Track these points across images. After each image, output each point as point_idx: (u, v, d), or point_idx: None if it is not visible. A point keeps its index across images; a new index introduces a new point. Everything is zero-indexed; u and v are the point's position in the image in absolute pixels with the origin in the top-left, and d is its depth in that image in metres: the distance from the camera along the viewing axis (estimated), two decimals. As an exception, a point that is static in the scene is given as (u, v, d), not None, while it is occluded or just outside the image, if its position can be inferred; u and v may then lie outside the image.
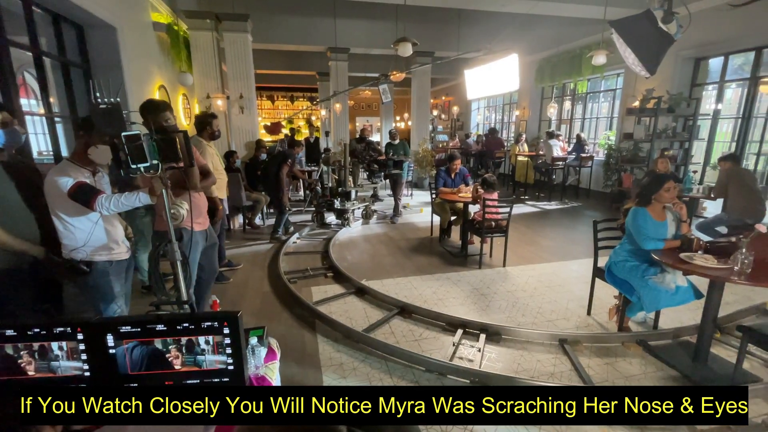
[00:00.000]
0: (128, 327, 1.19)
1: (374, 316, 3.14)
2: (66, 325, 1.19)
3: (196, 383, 1.25)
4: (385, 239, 5.32)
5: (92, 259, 2.00)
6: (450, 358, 2.53)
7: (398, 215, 6.35)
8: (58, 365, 1.20)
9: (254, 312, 3.24)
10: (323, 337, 2.86)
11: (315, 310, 3.14)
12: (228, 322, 1.20)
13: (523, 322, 3.01)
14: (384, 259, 4.51)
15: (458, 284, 3.73)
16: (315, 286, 3.76)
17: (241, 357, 1.22)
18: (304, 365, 2.53)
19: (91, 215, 1.97)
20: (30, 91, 6.28)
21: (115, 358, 1.21)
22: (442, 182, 4.87)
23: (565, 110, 9.17)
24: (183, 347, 1.21)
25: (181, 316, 1.22)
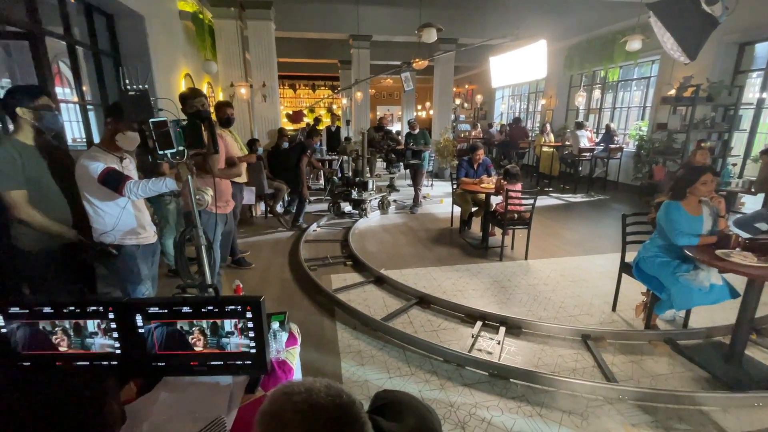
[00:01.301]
0: (156, 308, 1.23)
1: (393, 306, 3.15)
2: (98, 304, 1.23)
3: (219, 365, 1.28)
4: (404, 229, 5.32)
5: (121, 242, 2.07)
6: (469, 349, 2.52)
7: (418, 205, 6.32)
8: (92, 342, 1.26)
9: (275, 298, 3.30)
10: (342, 324, 2.90)
11: (334, 298, 3.18)
12: (251, 307, 1.22)
13: (545, 317, 2.96)
14: (403, 249, 4.52)
15: (478, 276, 3.70)
16: (334, 274, 3.81)
17: (263, 341, 1.25)
18: (323, 351, 2.57)
19: (120, 200, 2.03)
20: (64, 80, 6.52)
21: (144, 337, 1.25)
22: (464, 173, 4.81)
23: (594, 99, 8.83)
24: (207, 330, 1.24)
25: (206, 299, 1.25)
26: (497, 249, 4.26)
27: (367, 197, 5.82)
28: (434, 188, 8.17)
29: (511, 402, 2.12)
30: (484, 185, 4.49)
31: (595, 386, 2.16)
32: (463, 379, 2.30)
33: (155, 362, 1.28)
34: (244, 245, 4.47)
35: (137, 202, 2.14)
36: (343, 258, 4.22)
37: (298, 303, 3.21)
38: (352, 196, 5.83)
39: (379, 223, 5.72)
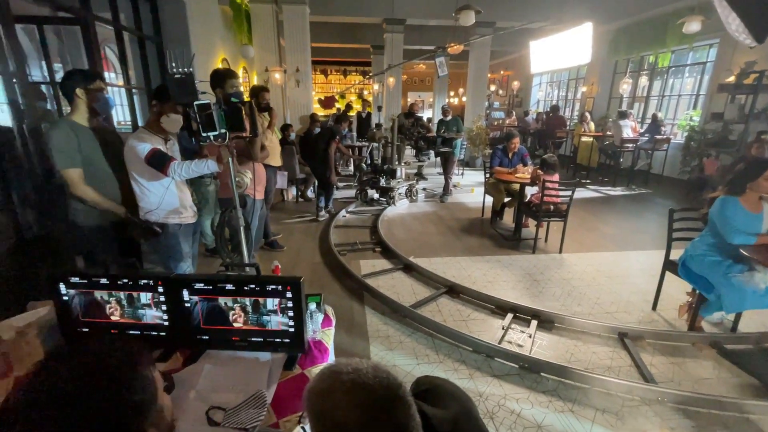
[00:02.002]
0: (201, 284, 1.29)
1: (421, 293, 3.16)
2: (149, 278, 1.31)
3: (259, 341, 1.33)
4: (434, 218, 5.30)
5: (165, 221, 2.17)
6: (498, 341, 2.50)
7: (448, 194, 6.26)
8: (143, 313, 1.34)
9: (306, 280, 3.36)
10: (371, 309, 2.94)
11: (363, 283, 3.22)
12: (291, 287, 1.25)
13: (579, 312, 2.89)
14: (432, 237, 4.51)
15: (509, 268, 3.65)
16: (363, 259, 3.85)
17: (302, 320, 1.28)
18: (352, 335, 2.62)
19: (164, 180, 2.12)
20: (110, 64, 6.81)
21: (189, 310, 1.32)
22: (498, 161, 4.70)
23: (640, 86, 8.34)
24: (249, 307, 1.29)
25: (249, 277, 1.30)
26: (530, 241, 4.18)
27: (395, 185, 5.81)
28: (465, 177, 8.07)
29: (541, 396, 2.10)
30: (520, 175, 4.38)
31: (632, 386, 2.09)
32: (493, 370, 2.29)
33: (199, 335, 1.35)
34: (276, 228, 4.58)
35: (179, 182, 2.23)
36: (372, 244, 4.26)
37: (329, 286, 3.28)
38: (379, 184, 5.83)
39: (408, 211, 5.71)
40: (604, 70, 9.04)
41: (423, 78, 16.95)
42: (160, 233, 2.14)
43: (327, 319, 1.61)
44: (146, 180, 2.09)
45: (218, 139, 1.86)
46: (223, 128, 1.86)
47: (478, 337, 2.46)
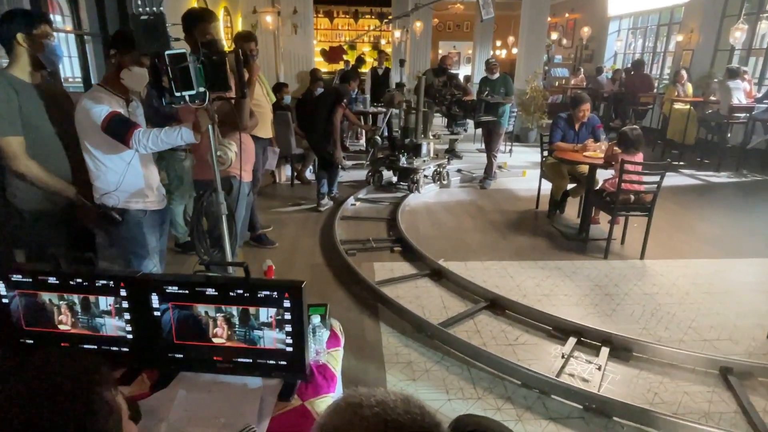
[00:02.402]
0: (175, 287, 1.32)
1: (454, 308, 3.18)
2: (109, 278, 1.34)
3: (248, 363, 1.36)
4: (471, 209, 5.28)
5: (126, 206, 2.22)
6: (557, 373, 2.50)
7: (491, 178, 6.23)
8: (102, 323, 1.38)
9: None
10: (387, 326, 2.97)
11: (378, 292, 3.25)
12: (289, 294, 1.27)
13: (666, 338, 2.86)
14: (470, 235, 4.50)
15: (573, 277, 3.63)
16: (378, 261, 3.87)
17: (303, 337, 1.30)
18: (364, 358, 2.65)
19: (125, 154, 2.15)
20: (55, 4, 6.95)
21: (160, 321, 1.35)
22: (561, 135, 4.66)
23: (759, 35, 8.06)
24: (236, 318, 1.31)
25: (236, 280, 1.32)
26: (601, 242, 4.15)
27: (420, 165, 5.80)
28: (514, 156, 7.99)
29: (613, 447, 2.09)
30: (589, 153, 4.33)
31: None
32: (548, 411, 2.28)
33: (171, 353, 1.38)
34: (265, 219, 4.64)
35: (145, 158, 2.27)
36: (389, 242, 4.27)
37: (332, 295, 3.32)
38: (399, 164, 5.81)
39: (437, 199, 5.71)
40: (708, 13, 8.75)
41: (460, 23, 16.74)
42: (119, 221, 2.19)
43: (334, 336, 1.63)
44: (103, 153, 2.13)
45: (195, 101, 1.88)
46: (202, 86, 1.87)
47: (529, 368, 2.46)
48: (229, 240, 2.12)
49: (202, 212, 2.30)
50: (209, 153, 2.07)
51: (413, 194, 5.68)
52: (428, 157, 6.05)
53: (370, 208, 5.35)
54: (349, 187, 5.97)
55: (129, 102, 2.20)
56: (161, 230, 2.46)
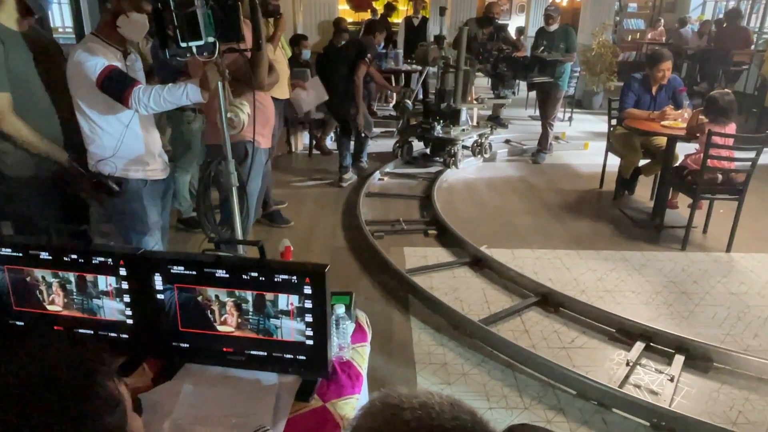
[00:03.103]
0: (181, 267, 1.34)
1: (498, 302, 3.17)
2: (108, 255, 1.37)
3: (263, 356, 1.38)
4: (521, 188, 5.22)
5: (124, 175, 2.27)
6: (620, 383, 2.47)
7: (546, 151, 6.14)
8: (99, 305, 1.42)
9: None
10: (419, 321, 2.99)
11: (409, 282, 3.26)
12: (311, 279, 1.27)
13: (755, 347, 2.80)
14: (518, 218, 4.46)
15: (642, 271, 3.58)
16: (409, 246, 3.89)
17: (325, 330, 1.31)
18: (391, 357, 2.68)
19: (122, 115, 2.19)
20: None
21: (164, 305, 1.38)
22: (634, 100, 4.55)
23: None
24: (250, 305, 1.33)
25: (250, 262, 1.33)
26: (679, 230, 4.07)
27: (458, 136, 5.71)
28: (575, 125, 7.85)
29: (685, 472, 2.06)
30: (668, 123, 4.21)
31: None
32: (608, 426, 2.27)
33: (176, 341, 1.42)
34: (279, 194, 4.69)
35: (146, 120, 2.31)
36: (423, 224, 4.27)
37: (355, 284, 3.35)
38: (433, 133, 5.74)
39: (480, 175, 5.66)
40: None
41: (512, -37, 16.27)
42: (116, 192, 2.24)
43: (360, 330, 1.64)
44: (98, 113, 2.17)
45: (204, 53, 1.89)
46: (211, 35, 1.87)
47: (586, 375, 2.44)
48: (240, 216, 2.15)
49: (209, 183, 2.32)
50: (219, 115, 2.08)
51: (451, 169, 5.63)
52: (468, 126, 5.96)
53: (400, 183, 5.33)
54: (377, 158, 5.96)
55: (127, 54, 2.22)
56: (164, 203, 2.51)
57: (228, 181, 2.14)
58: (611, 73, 8.27)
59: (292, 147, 6.33)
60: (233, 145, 2.15)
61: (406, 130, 6.05)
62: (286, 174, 5.47)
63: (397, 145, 6.03)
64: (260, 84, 2.43)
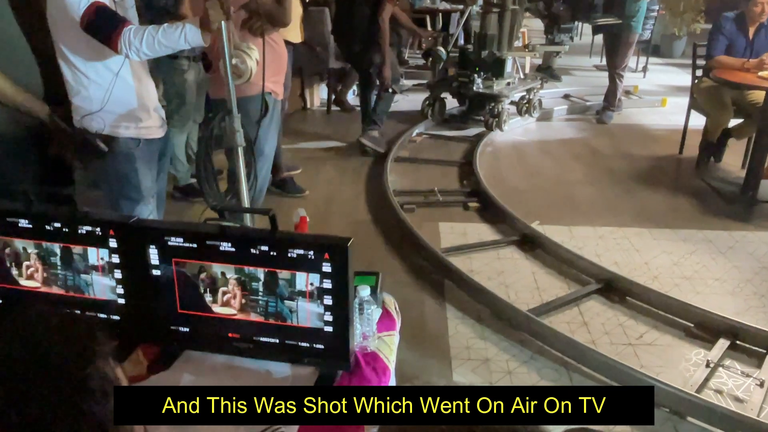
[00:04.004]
0: (180, 239, 1.37)
1: (552, 289, 3.17)
2: (95, 223, 1.40)
3: (274, 344, 1.40)
4: (583, 153, 5.16)
5: (113, 132, 2.29)
6: (698, 387, 2.45)
7: (615, 108, 6.05)
8: (88, 281, 1.46)
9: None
10: (456, 309, 3.00)
11: (445, 263, 3.26)
12: (331, 254, 1.29)
13: None
14: (578, 189, 4.43)
15: (729, 255, 3.54)
16: (445, 221, 3.88)
17: (347, 314, 1.33)
18: (423, 350, 2.70)
19: (111, 61, 2.20)
20: None
21: (159, 283, 1.41)
22: (725, 45, 4.47)
23: None
24: (260, 284, 1.35)
25: (260, 234, 1.35)
26: (775, 206, 4.00)
27: (503, 91, 5.61)
28: (650, 76, 7.75)
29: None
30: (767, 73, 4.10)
31: None
32: (681, 436, 2.27)
33: (174, 325, 1.45)
34: (292, 158, 4.72)
35: (138, 67, 2.33)
36: (462, 195, 4.27)
37: (381, 262, 3.37)
38: (472, 88, 5.66)
39: (533, 137, 5.60)
40: None
41: None
42: (105, 152, 2.27)
43: (388, 316, 1.65)
44: (83, 59, 2.19)
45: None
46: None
47: (657, 378, 2.42)
48: (248, 181, 2.17)
49: (211, 143, 2.34)
50: (222, 61, 2.09)
51: (495, 131, 5.57)
52: (514, 79, 5.86)
53: (435, 147, 5.31)
54: (406, 117, 5.92)
55: (115, -11, 2.23)
56: (160, 167, 2.54)
57: (233, 141, 2.16)
58: (697, 13, 8.07)
59: (306, 102, 6.33)
60: (249, 98, 2.16)
61: (439, 84, 5.96)
62: (300, 134, 5.49)
63: (427, 102, 5.95)
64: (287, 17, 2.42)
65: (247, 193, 2.22)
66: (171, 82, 3.74)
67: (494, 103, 5.59)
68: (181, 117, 3.87)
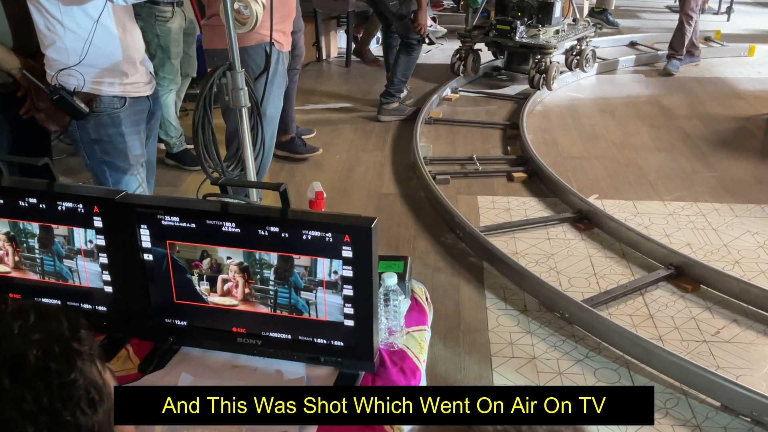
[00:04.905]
0: (176, 218, 1.37)
1: (612, 276, 3.16)
2: (77, 199, 1.42)
3: (286, 340, 1.42)
4: (651, 112, 5.13)
5: (95, 90, 2.30)
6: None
7: (682, 56, 5.99)
8: (72, 267, 1.48)
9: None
10: (497, 298, 3.01)
11: (485, 244, 3.25)
12: (352, 237, 1.28)
13: None
14: (644, 156, 4.39)
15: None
16: (486, 194, 3.88)
17: (371, 307, 1.33)
18: (459, 347, 2.71)
19: (90, 6, 2.20)
20: None
21: (153, 270, 1.43)
22: None
23: None
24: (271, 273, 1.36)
25: (268, 213, 1.35)
26: None
27: (551, 41, 5.52)
28: (735, 18, 7.71)
29: None
30: None
31: None
32: (766, 453, 2.26)
33: (170, 318, 1.47)
34: (305, 120, 4.74)
35: (123, 13, 2.32)
36: (506, 163, 4.26)
37: (410, 245, 3.38)
38: (514, 37, 5.58)
39: (591, 93, 5.56)
40: None
41: None
42: (85, 113, 2.29)
43: (417, 309, 1.65)
44: (58, 3, 2.19)
45: None
46: None
47: (736, 381, 2.41)
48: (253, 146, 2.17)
49: (210, 102, 2.34)
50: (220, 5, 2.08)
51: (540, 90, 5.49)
52: (564, 26, 5.78)
53: (474, 106, 5.29)
54: (439, 71, 5.88)
55: None
56: (149, 130, 2.55)
57: (235, 100, 2.16)
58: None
59: (321, 53, 6.30)
60: (249, 49, 2.15)
61: (472, 34, 5.87)
62: (314, 92, 5.49)
63: (458, 55, 5.80)
64: None
65: (253, 163, 2.23)
66: (152, 32, 3.72)
67: (541, 55, 5.48)
68: (167, 73, 3.87)
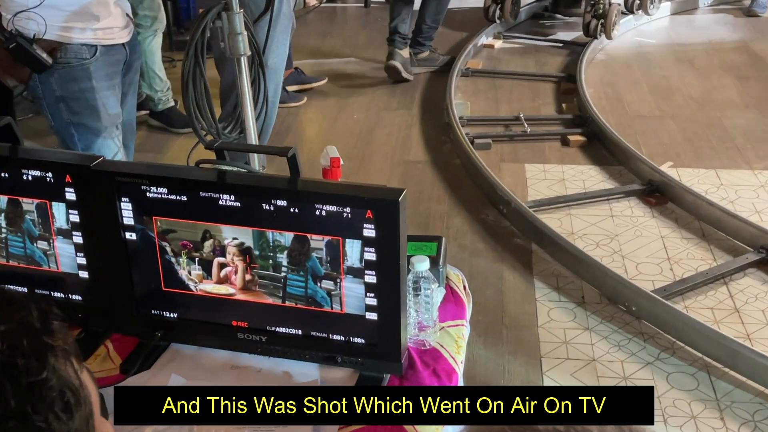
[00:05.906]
0: (163, 190, 1.37)
1: (689, 261, 3.16)
2: (45, 166, 1.43)
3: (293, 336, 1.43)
4: (738, 61, 5.11)
5: (60, 37, 2.31)
6: None
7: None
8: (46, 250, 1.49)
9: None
10: (549, 288, 3.02)
11: (533, 222, 3.26)
12: (375, 212, 1.28)
13: None
14: (731, 114, 4.37)
15: None
16: (536, 162, 3.90)
17: (397, 297, 1.33)
18: (503, 345, 2.72)
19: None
20: None
21: (136, 250, 1.44)
22: None
23: None
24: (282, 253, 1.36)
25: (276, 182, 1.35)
26: None
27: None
28: None
29: None
30: None
31: None
32: None
33: (157, 309, 1.48)
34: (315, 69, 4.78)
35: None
36: (560, 124, 4.26)
37: (443, 222, 3.40)
38: None
39: (662, 38, 5.57)
40: None
41: None
42: (49, 64, 2.29)
43: (454, 300, 1.65)
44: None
45: None
46: None
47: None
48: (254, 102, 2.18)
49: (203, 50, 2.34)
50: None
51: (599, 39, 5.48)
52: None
53: (521, 56, 5.29)
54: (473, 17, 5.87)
55: None
56: (127, 84, 2.56)
57: (236, 48, 2.16)
58: None
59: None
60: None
61: None
62: (327, 40, 5.48)
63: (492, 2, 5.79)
64: None
65: (254, 123, 2.23)
66: None
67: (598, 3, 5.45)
68: (147, 10, 3.87)
